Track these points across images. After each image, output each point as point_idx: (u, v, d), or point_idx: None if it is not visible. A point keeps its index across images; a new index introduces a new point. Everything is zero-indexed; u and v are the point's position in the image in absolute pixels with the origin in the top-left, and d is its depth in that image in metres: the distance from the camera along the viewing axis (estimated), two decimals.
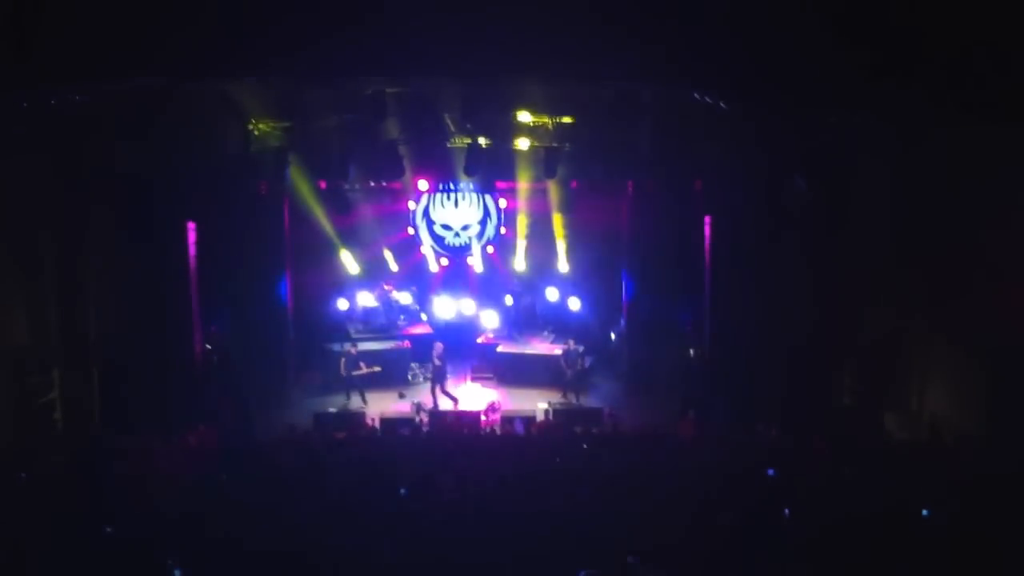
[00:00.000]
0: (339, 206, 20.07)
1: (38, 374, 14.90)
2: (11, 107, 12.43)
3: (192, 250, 17.22)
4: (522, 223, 21.97)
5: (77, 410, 15.61)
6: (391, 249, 22.33)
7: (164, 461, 11.98)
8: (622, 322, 20.65)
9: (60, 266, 15.41)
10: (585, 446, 13.26)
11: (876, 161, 14.87)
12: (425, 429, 16.31)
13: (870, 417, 15.04)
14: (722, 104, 13.89)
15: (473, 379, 20.37)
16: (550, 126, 17.45)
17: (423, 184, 21.65)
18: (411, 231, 22.66)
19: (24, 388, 14.57)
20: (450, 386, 19.46)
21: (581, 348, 19.36)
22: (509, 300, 22.00)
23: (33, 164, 14.65)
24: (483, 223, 22.69)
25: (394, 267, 22.38)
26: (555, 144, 17.74)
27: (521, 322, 21.77)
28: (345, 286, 21.62)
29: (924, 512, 8.49)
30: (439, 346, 18.75)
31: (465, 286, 22.49)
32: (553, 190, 20.58)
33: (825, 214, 15.82)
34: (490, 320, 21.68)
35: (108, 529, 8.00)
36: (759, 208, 16.49)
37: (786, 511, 8.41)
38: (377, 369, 18.75)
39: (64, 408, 15.43)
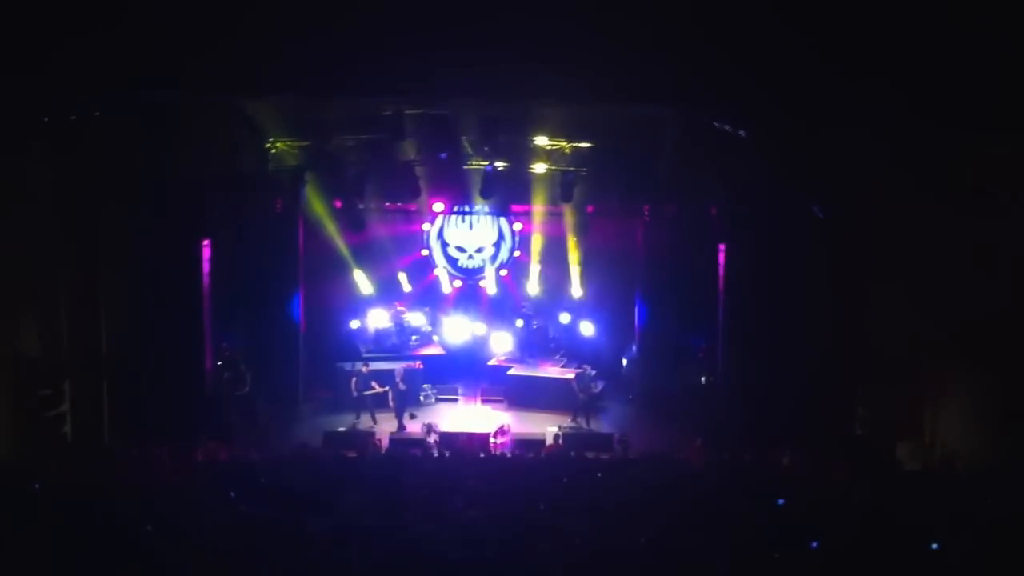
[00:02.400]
0: (354, 226, 20.09)
1: (49, 386, 14.92)
2: (31, 119, 12.53)
3: (206, 266, 17.26)
4: (536, 246, 21.99)
5: (87, 423, 15.63)
6: (405, 270, 22.37)
7: (173, 476, 11.95)
8: (634, 347, 20.59)
9: (73, 279, 15.45)
10: (599, 474, 13.16)
11: (888, 186, 14.84)
12: (435, 450, 16.25)
13: (882, 446, 14.92)
14: (740, 132, 13.92)
15: (483, 401, 20.32)
16: (567, 150, 17.47)
17: (438, 206, 21.70)
18: (425, 252, 22.71)
19: (35, 400, 14.58)
20: (459, 407, 19.63)
21: (594, 372, 19.31)
22: (520, 323, 21.96)
23: (49, 177, 14.76)
24: (497, 246, 22.74)
25: (407, 288, 22.40)
26: (572, 168, 17.75)
27: (534, 345, 21.71)
28: (358, 305, 21.63)
29: (933, 545, 8.36)
30: (400, 370, 18.80)
31: (478, 308, 22.50)
32: (568, 214, 20.60)
33: (839, 241, 15.79)
34: (502, 343, 21.65)
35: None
36: (773, 236, 16.45)
37: (813, 544, 8.29)
38: (388, 389, 18.70)
39: (74, 420, 15.45)
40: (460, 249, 22.79)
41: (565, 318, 21.74)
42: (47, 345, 15.03)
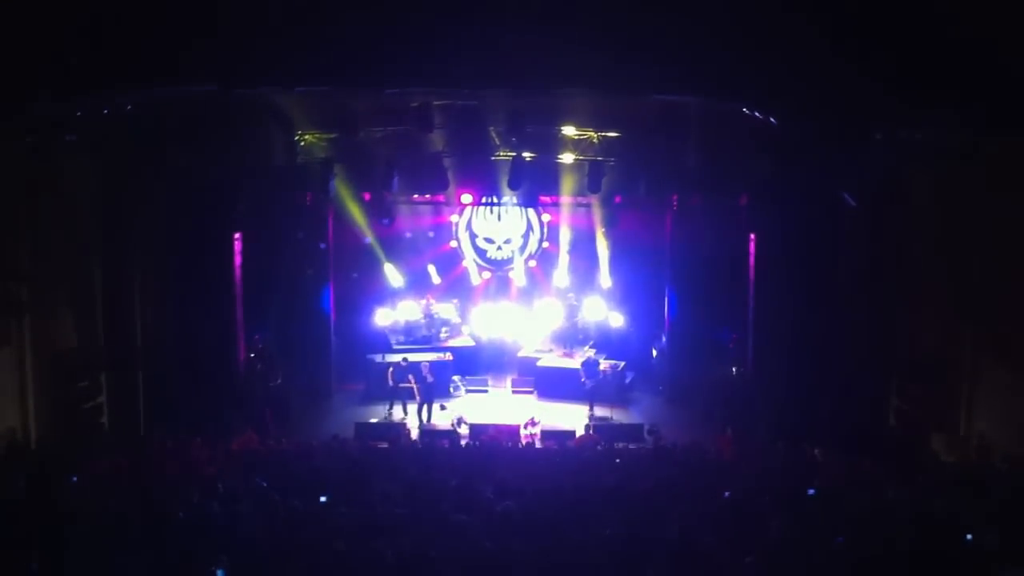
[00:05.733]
0: (383, 217, 20.15)
1: (87, 377, 15.16)
2: (64, 113, 12.67)
3: (238, 259, 17.42)
4: (565, 237, 21.97)
5: (123, 414, 15.87)
6: (434, 262, 22.44)
7: (207, 465, 12.10)
8: (664, 338, 20.54)
9: (108, 273, 15.69)
10: (617, 460, 13.21)
11: (924, 178, 14.72)
12: (464, 441, 16.31)
13: (917, 438, 14.79)
14: (772, 119, 13.79)
15: (513, 393, 20.34)
16: (595, 140, 17.41)
17: (466, 197, 21.72)
18: (454, 244, 22.75)
19: (72, 391, 14.82)
20: (489, 398, 19.79)
21: (617, 360, 19.35)
22: (553, 313, 21.91)
23: (82, 171, 14.97)
24: (526, 237, 22.75)
25: (437, 279, 22.47)
26: (600, 158, 17.70)
27: (566, 336, 21.68)
28: (388, 297, 21.73)
29: (968, 536, 8.29)
30: (426, 364, 18.71)
31: (507, 300, 22.52)
32: (597, 205, 20.57)
33: (872, 232, 15.66)
34: (532, 334, 21.64)
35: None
36: (804, 225, 16.32)
37: (839, 539, 8.25)
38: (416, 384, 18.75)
39: (111, 411, 15.69)
40: (488, 240, 22.82)
41: (595, 309, 21.69)
42: (84, 337, 15.28)
